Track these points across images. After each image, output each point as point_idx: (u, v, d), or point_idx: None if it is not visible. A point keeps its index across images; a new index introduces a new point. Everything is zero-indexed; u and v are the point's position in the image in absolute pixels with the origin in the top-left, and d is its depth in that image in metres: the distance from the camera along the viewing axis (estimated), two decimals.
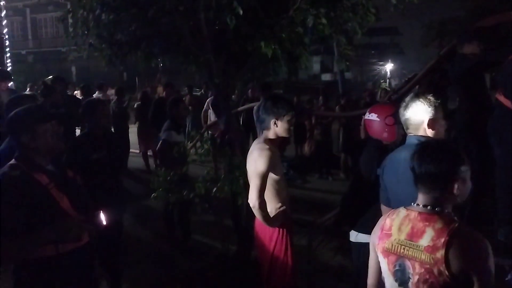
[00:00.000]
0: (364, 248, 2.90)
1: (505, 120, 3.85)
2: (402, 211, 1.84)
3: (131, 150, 9.49)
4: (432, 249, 1.66)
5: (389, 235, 1.82)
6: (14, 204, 2.03)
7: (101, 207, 2.32)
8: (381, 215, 2.72)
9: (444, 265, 1.63)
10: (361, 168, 3.18)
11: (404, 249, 1.75)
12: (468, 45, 4.26)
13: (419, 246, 1.70)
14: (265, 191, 3.02)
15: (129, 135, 9.45)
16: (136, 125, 9.62)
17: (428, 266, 1.67)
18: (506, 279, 2.35)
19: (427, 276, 1.67)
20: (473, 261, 1.64)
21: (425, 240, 1.69)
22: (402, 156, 2.47)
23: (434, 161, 1.73)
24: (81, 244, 2.25)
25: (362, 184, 3.12)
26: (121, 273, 4.02)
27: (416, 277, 1.70)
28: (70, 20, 4.79)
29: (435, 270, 1.65)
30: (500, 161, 3.92)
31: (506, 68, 3.82)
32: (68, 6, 4.84)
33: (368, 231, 2.95)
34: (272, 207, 3.11)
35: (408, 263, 1.73)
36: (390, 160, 2.61)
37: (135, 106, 9.88)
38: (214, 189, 4.02)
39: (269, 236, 3.14)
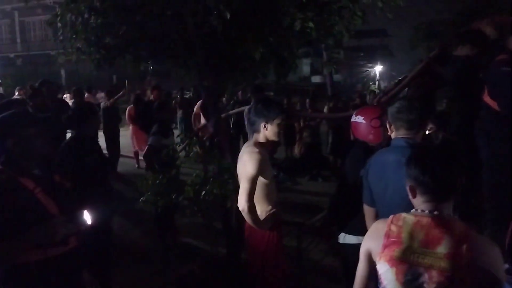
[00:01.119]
0: (352, 249, 2.92)
1: (491, 121, 3.90)
2: (410, 218, 1.75)
3: (121, 153, 9.51)
4: (454, 256, 1.61)
5: (399, 243, 1.71)
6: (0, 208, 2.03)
7: (90, 209, 2.32)
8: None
9: (466, 272, 1.60)
10: (347, 170, 3.21)
11: (418, 257, 1.66)
12: (461, 47, 4.30)
13: (438, 254, 1.64)
14: (255, 194, 3.04)
15: (120, 138, 9.45)
16: (127, 127, 9.63)
17: (449, 274, 1.61)
18: None
19: (447, 284, 1.61)
20: (493, 267, 1.62)
21: (444, 247, 1.63)
22: (390, 158, 2.50)
23: (445, 169, 1.71)
24: (69, 248, 2.25)
25: (349, 185, 3.15)
26: (111, 277, 4.01)
27: (433, 286, 1.63)
28: (59, 24, 4.78)
29: (457, 277, 1.60)
30: (487, 162, 3.97)
31: (492, 69, 3.87)
32: (57, 10, 4.81)
33: (356, 233, 3.00)
34: (262, 210, 3.12)
35: (423, 272, 1.65)
36: (375, 162, 2.63)
37: (127, 108, 9.88)
38: (203, 192, 4.03)
39: (260, 239, 3.15)
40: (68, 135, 4.27)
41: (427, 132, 2.96)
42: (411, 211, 1.79)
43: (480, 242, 1.66)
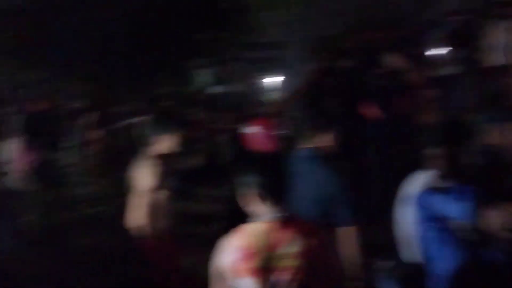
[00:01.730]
0: None
1: (378, 129, 4.26)
2: (258, 226, 1.76)
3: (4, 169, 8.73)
4: (303, 252, 1.69)
5: (255, 254, 1.72)
6: None
7: None
8: None
9: (316, 264, 1.70)
10: None
11: (274, 262, 1.70)
12: (343, 60, 4.63)
13: (289, 254, 1.69)
14: (152, 208, 2.98)
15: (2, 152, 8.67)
16: (10, 141, 8.85)
17: (303, 270, 1.69)
18: (375, 276, 2.56)
19: (305, 279, 1.69)
20: (336, 258, 1.81)
21: (293, 247, 1.69)
22: (298, 169, 2.57)
23: (279, 173, 1.80)
24: None
25: None
26: None
27: (294, 285, 1.69)
28: None
29: (310, 272, 1.70)
30: (370, 166, 4.30)
31: (369, 81, 4.25)
32: None
33: None
34: (159, 223, 3.07)
35: (282, 275, 1.70)
36: None
37: (13, 120, 9.08)
38: (96, 208, 3.85)
39: (158, 252, 3.10)
40: None
41: None
42: (256, 219, 1.79)
43: (322, 235, 1.83)
